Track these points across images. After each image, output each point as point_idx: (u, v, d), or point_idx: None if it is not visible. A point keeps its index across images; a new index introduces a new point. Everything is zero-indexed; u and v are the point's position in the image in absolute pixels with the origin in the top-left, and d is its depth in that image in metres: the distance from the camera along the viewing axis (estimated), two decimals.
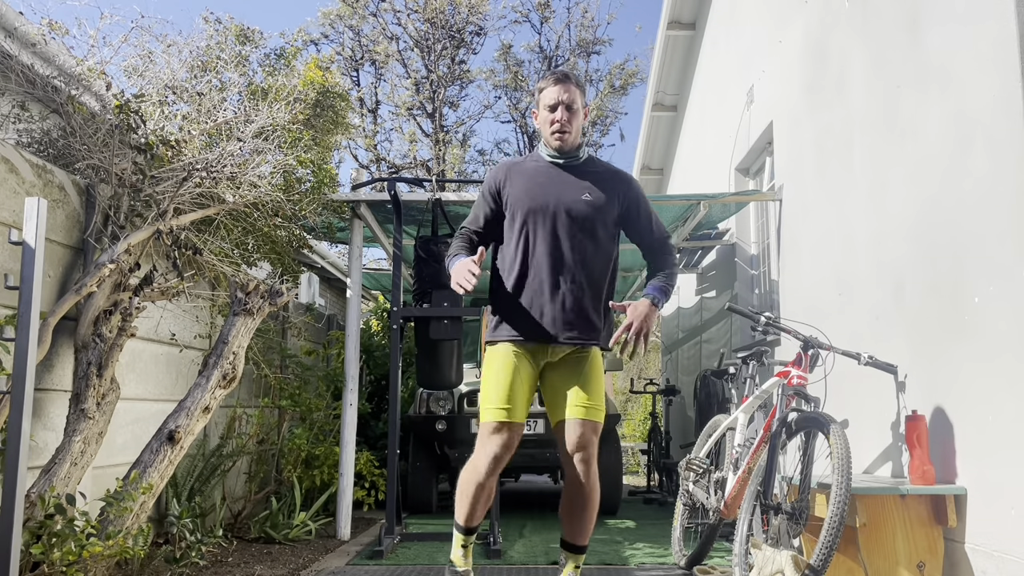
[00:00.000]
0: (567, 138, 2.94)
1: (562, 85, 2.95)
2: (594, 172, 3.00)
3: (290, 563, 4.25)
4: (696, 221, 5.78)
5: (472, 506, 2.88)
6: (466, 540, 2.95)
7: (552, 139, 2.95)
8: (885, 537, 3.16)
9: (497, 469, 2.84)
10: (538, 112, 3.01)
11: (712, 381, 6.39)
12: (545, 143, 3.02)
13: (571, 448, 2.82)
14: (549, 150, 3.01)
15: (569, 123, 2.93)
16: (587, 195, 2.91)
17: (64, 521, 2.90)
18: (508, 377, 2.86)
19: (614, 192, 2.98)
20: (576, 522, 2.91)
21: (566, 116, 2.92)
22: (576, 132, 2.97)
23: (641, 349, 2.76)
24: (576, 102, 2.94)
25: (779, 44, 5.43)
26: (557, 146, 2.96)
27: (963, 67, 3.20)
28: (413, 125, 18.08)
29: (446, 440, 6.27)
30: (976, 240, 3.08)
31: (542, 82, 3.01)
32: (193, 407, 3.50)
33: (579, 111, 2.96)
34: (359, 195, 5.43)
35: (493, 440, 2.82)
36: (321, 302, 8.35)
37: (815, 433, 3.28)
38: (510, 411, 2.83)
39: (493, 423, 2.83)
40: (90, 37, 3.83)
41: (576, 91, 2.95)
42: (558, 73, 2.98)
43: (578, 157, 3.00)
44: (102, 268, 3.30)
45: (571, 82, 2.96)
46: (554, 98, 2.92)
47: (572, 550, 2.96)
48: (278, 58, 4.84)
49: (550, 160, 3.00)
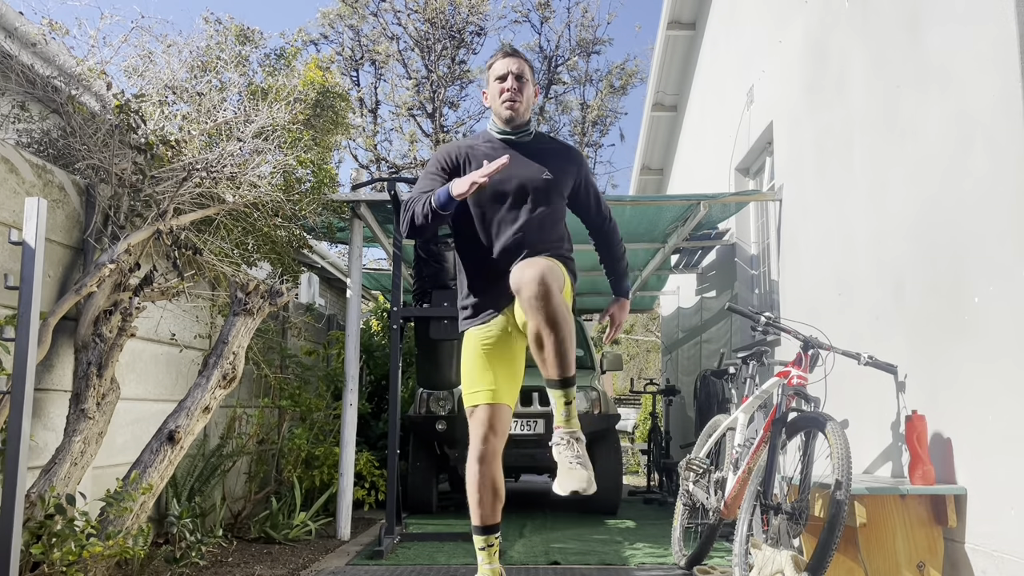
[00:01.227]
0: (518, 107, 2.91)
1: (511, 57, 2.95)
2: (547, 148, 2.99)
3: (290, 563, 4.25)
4: (696, 221, 5.78)
5: (479, 501, 2.81)
6: (485, 541, 2.84)
7: (503, 108, 2.92)
8: (885, 537, 3.16)
9: (489, 454, 2.79)
10: (488, 88, 2.98)
11: (712, 381, 6.39)
12: (495, 117, 2.98)
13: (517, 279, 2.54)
14: (499, 126, 2.97)
15: (519, 92, 2.91)
16: (546, 173, 2.90)
17: (64, 521, 2.90)
18: (481, 359, 2.85)
19: (568, 170, 2.98)
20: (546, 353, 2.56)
21: (516, 85, 2.90)
22: (527, 104, 2.95)
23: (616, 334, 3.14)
24: (525, 74, 2.93)
25: (779, 44, 5.43)
26: (508, 116, 2.92)
27: (963, 67, 3.20)
28: (413, 125, 18.08)
29: (446, 440, 6.27)
30: (976, 240, 3.08)
31: (491, 59, 3.00)
32: (193, 407, 3.50)
33: (528, 83, 2.94)
34: (359, 195, 5.43)
35: (475, 423, 2.81)
36: (321, 302, 8.35)
37: (815, 433, 3.27)
38: (489, 392, 2.80)
39: (470, 407, 2.83)
40: (90, 37, 3.83)
41: (525, 64, 2.95)
42: (506, 47, 2.98)
43: (528, 132, 2.98)
44: (102, 268, 3.30)
45: (520, 56, 2.97)
46: (503, 69, 2.92)
47: (553, 385, 2.61)
48: (278, 58, 4.84)
49: (501, 138, 2.97)
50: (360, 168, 17.55)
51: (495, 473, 2.83)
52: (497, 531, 2.85)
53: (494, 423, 2.80)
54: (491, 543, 2.85)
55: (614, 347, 18.71)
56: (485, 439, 2.79)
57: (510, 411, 2.87)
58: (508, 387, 2.86)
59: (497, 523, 2.85)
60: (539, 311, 2.47)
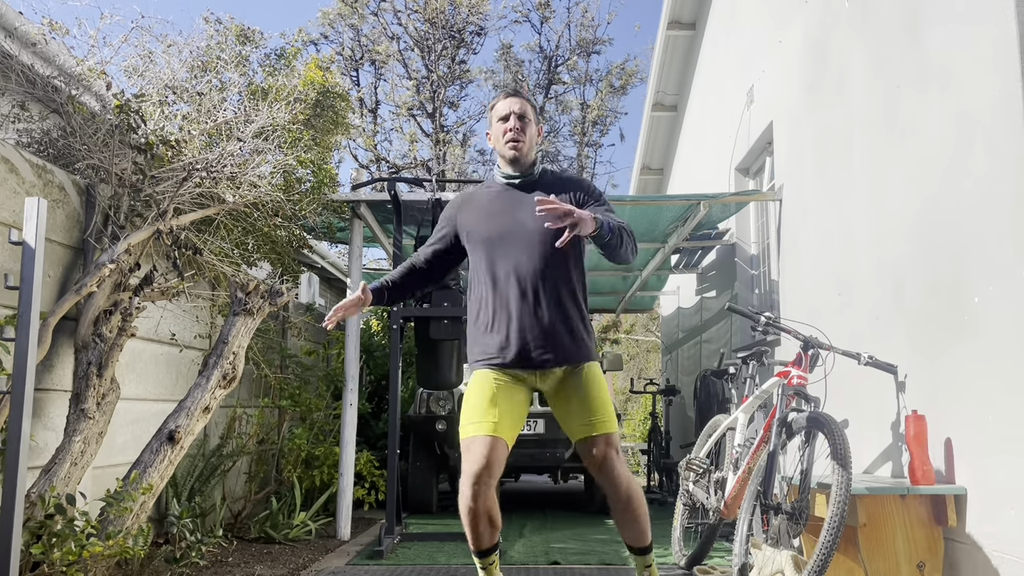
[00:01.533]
0: (521, 147, 2.87)
1: (513, 98, 2.92)
2: (546, 184, 2.93)
3: (290, 563, 4.25)
4: (696, 221, 5.78)
5: (472, 530, 2.74)
6: (483, 562, 2.82)
7: (506, 149, 2.88)
8: (885, 537, 3.16)
9: (482, 489, 2.67)
10: (491, 130, 2.96)
11: (712, 381, 6.39)
12: (500, 159, 2.95)
13: (592, 466, 2.76)
14: (504, 170, 2.94)
15: (522, 132, 2.87)
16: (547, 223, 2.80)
17: (64, 521, 2.90)
18: (484, 396, 2.76)
19: (566, 195, 2.90)
20: (626, 526, 2.82)
21: (518, 125, 2.86)
22: (530, 144, 2.91)
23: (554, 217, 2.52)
24: (528, 114, 2.90)
25: (779, 44, 5.43)
26: (512, 156, 2.88)
27: (963, 67, 3.20)
28: (413, 125, 18.08)
29: (446, 440, 6.27)
30: (976, 240, 3.08)
31: (493, 100, 2.97)
32: (193, 407, 3.50)
33: (531, 123, 2.91)
34: (359, 195, 5.43)
35: (469, 458, 2.69)
36: (321, 302, 8.35)
37: (815, 433, 3.28)
38: (486, 425, 2.71)
39: (465, 439, 2.73)
40: (90, 37, 3.83)
41: (527, 105, 2.92)
42: (508, 88, 2.98)
43: (533, 175, 2.93)
44: (102, 268, 3.30)
45: (522, 96, 2.94)
46: (505, 109, 2.89)
47: (636, 552, 2.88)
48: (278, 58, 4.84)
49: (506, 182, 2.94)
50: (360, 168, 17.55)
51: (490, 508, 2.72)
52: (496, 549, 2.83)
53: (491, 460, 2.66)
54: (492, 561, 2.83)
55: (614, 347, 18.72)
56: (478, 480, 2.64)
57: (507, 450, 2.75)
58: (509, 426, 2.77)
59: (495, 544, 2.81)
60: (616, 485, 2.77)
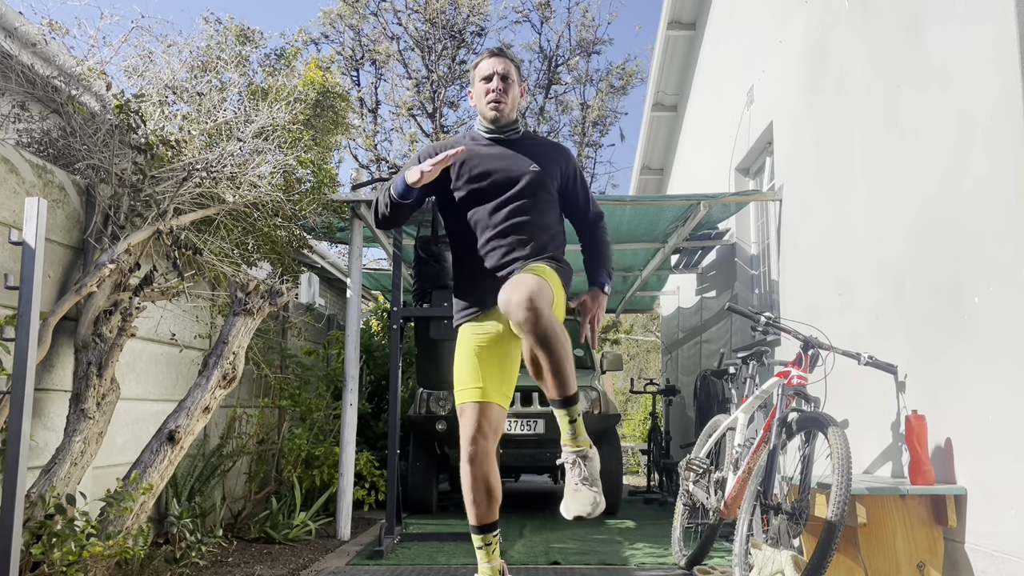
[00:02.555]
0: (502, 107, 2.91)
1: (497, 57, 2.95)
2: (535, 145, 2.97)
3: (290, 563, 4.25)
4: (696, 221, 5.78)
5: (473, 501, 2.77)
6: (483, 539, 2.81)
7: (487, 109, 2.91)
8: (885, 537, 3.16)
9: (477, 451, 2.73)
10: (474, 88, 2.98)
11: (712, 381, 6.39)
12: (481, 117, 2.98)
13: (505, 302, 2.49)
14: (485, 125, 2.97)
15: (504, 93, 2.90)
16: (533, 166, 2.88)
17: (64, 521, 2.90)
18: (472, 358, 2.81)
19: (556, 164, 2.95)
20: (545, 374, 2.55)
21: (501, 86, 2.90)
22: (512, 104, 2.94)
23: (598, 330, 2.95)
24: (511, 74, 2.92)
25: (779, 44, 5.43)
26: (492, 116, 2.92)
27: (963, 67, 3.20)
28: (413, 125, 18.07)
29: (446, 440, 6.27)
30: (976, 240, 3.08)
31: (477, 59, 2.99)
32: (193, 407, 3.50)
33: (514, 83, 2.94)
34: (359, 195, 5.43)
35: (463, 423, 2.77)
36: (321, 302, 8.35)
37: (815, 433, 3.27)
38: (473, 391, 2.77)
39: (460, 405, 2.80)
40: (90, 37, 3.83)
41: (511, 64, 2.94)
42: (492, 48, 2.98)
43: (516, 131, 2.97)
44: (102, 268, 3.30)
45: (506, 56, 2.96)
46: (489, 69, 2.91)
47: (556, 405, 2.63)
48: (278, 58, 4.84)
49: (488, 136, 2.97)
50: (360, 168, 17.54)
51: (487, 473, 2.77)
52: (495, 529, 2.82)
53: (482, 423, 2.75)
54: (489, 541, 2.82)
55: (614, 347, 18.71)
56: (473, 440, 2.75)
57: (502, 411, 2.81)
58: (499, 386, 2.81)
59: (494, 521, 2.82)
60: (529, 334, 2.45)
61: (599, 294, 2.96)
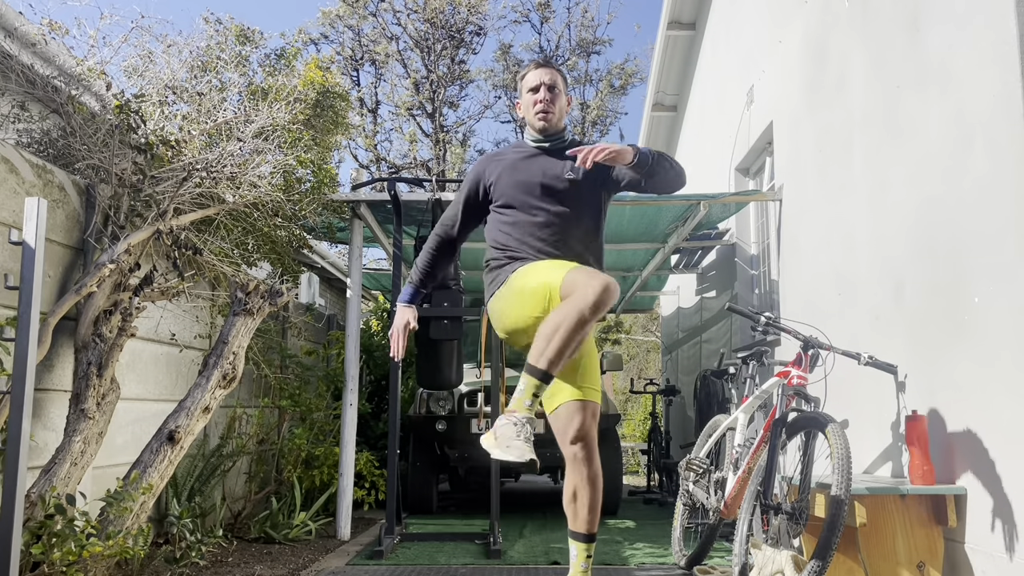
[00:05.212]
0: (551, 118, 2.95)
1: (543, 68, 2.99)
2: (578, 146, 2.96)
3: (290, 563, 4.25)
4: (696, 221, 5.78)
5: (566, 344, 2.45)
6: (539, 388, 2.48)
7: (536, 119, 2.96)
8: (885, 537, 3.16)
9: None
10: (521, 99, 3.03)
11: (712, 381, 6.39)
12: (530, 128, 3.03)
13: (572, 434, 2.70)
14: (534, 135, 3.01)
15: (552, 103, 2.95)
16: (570, 172, 2.90)
17: (64, 521, 2.90)
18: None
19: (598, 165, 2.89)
20: (580, 508, 2.73)
21: (548, 96, 2.94)
22: (560, 114, 2.99)
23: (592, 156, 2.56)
24: (558, 84, 2.97)
25: (779, 44, 5.43)
26: (541, 127, 2.96)
27: (963, 67, 3.20)
28: (413, 125, 18.08)
29: (446, 440, 6.27)
30: (976, 240, 3.08)
31: (523, 70, 3.04)
32: (193, 407, 3.50)
33: (561, 93, 2.99)
34: (359, 195, 5.43)
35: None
36: (321, 302, 8.35)
37: (815, 433, 3.27)
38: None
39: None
40: (90, 37, 3.83)
41: (557, 75, 2.99)
42: (539, 59, 3.01)
43: (563, 139, 3.01)
44: (102, 268, 3.30)
45: (552, 67, 3.01)
46: (536, 80, 2.96)
47: (579, 539, 2.75)
48: (278, 58, 4.84)
49: (535, 146, 3.00)
50: (360, 168, 17.55)
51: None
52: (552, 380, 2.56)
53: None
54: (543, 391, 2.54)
55: (614, 347, 18.71)
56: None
57: None
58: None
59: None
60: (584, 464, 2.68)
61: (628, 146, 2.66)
